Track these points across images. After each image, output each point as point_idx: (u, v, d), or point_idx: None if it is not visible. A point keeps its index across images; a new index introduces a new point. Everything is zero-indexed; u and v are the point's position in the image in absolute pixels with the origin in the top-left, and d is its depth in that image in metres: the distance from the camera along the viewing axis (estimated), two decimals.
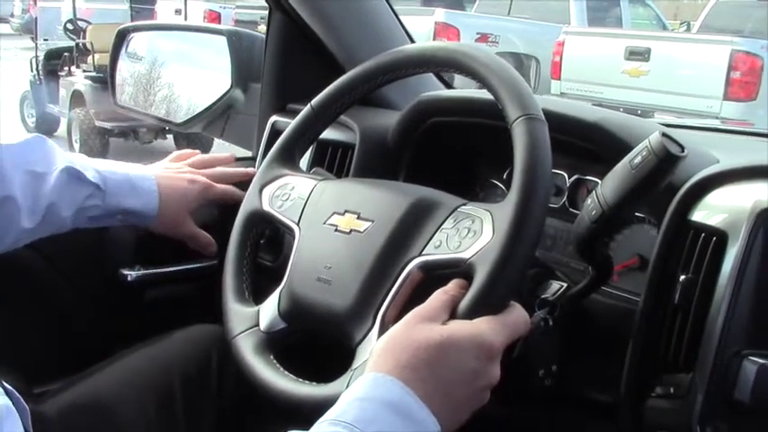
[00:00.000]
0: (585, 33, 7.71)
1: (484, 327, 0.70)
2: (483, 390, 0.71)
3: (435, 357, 0.68)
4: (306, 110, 0.98)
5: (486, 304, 0.72)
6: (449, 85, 1.29)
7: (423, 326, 0.70)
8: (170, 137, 6.95)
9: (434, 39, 7.22)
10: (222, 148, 1.66)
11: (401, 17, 1.29)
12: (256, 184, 0.97)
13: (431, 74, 1.28)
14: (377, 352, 0.70)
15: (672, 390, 0.79)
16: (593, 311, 0.94)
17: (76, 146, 6.68)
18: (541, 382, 0.85)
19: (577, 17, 8.74)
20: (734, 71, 6.09)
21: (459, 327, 0.70)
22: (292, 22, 1.24)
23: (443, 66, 0.87)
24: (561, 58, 7.23)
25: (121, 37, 1.50)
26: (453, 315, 0.72)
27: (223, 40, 1.38)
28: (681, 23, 10.54)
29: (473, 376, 0.69)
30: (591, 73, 6.95)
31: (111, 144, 6.75)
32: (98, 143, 6.62)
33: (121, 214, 1.08)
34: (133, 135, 6.75)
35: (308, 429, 0.64)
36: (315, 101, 0.97)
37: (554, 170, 1.08)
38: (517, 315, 0.74)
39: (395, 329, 0.71)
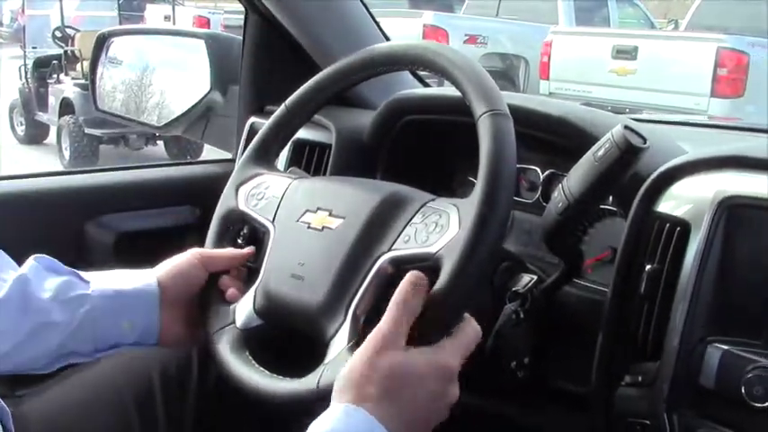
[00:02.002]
0: (573, 33, 7.75)
1: (440, 350, 0.72)
2: (444, 408, 0.73)
3: (398, 386, 0.69)
4: (280, 110, 0.99)
5: (453, 296, 0.73)
6: (426, 84, 1.30)
7: (384, 354, 0.70)
8: (161, 143, 6.95)
9: None
10: (214, 153, 1.67)
11: (389, 20, 1.31)
12: (232, 183, 0.98)
13: (407, 72, 1.30)
14: (342, 382, 0.71)
15: (640, 378, 0.81)
16: (566, 304, 0.96)
17: (66, 153, 6.67)
18: (514, 373, 0.86)
19: (565, 18, 8.78)
20: (720, 68, 6.12)
21: (418, 354, 0.71)
22: (268, 24, 1.25)
23: (412, 63, 0.89)
24: (549, 59, 7.26)
25: (101, 42, 1.51)
26: (414, 328, 0.73)
27: (201, 43, 1.39)
28: (669, 21, 10.58)
29: (434, 398, 0.71)
30: (579, 72, 6.98)
31: (101, 151, 6.74)
32: (88, 150, 6.61)
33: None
34: (123, 142, 6.74)
35: (286, 428, 0.65)
36: (288, 101, 0.98)
37: (528, 166, 1.11)
38: (470, 330, 0.75)
39: (357, 358, 0.72)
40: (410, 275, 0.74)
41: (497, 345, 0.87)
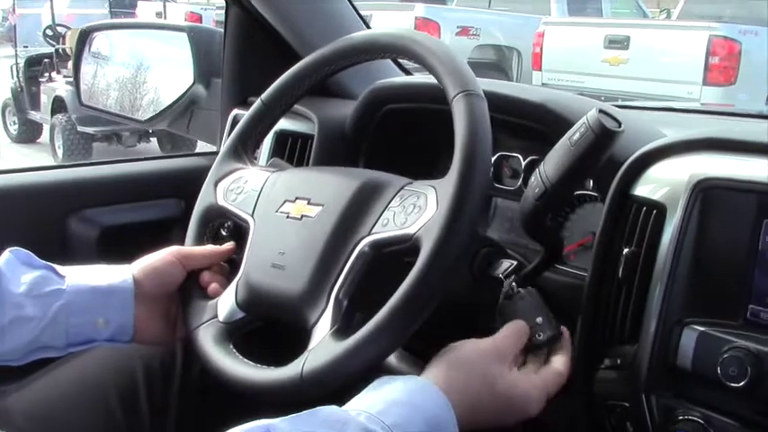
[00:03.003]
0: (565, 23, 7.74)
1: (530, 386, 0.79)
2: (510, 423, 0.79)
3: (491, 402, 0.76)
4: (256, 104, 0.99)
5: (432, 275, 0.74)
6: (408, 72, 1.30)
7: (497, 367, 0.77)
8: (154, 140, 6.93)
9: None
10: (207, 149, 1.66)
11: (381, 12, 1.31)
12: (211, 179, 0.99)
13: (389, 61, 1.30)
14: (441, 363, 0.76)
15: (619, 361, 0.81)
16: (548, 290, 0.96)
17: (59, 152, 6.66)
18: (532, 337, 0.85)
19: (557, 8, 8.77)
20: (712, 56, 6.12)
21: (524, 387, 0.78)
22: (249, 16, 1.25)
23: (387, 51, 0.89)
24: (541, 49, 7.26)
25: (84, 37, 1.51)
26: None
27: (184, 36, 1.38)
28: (661, 11, 10.57)
29: (505, 416, 0.78)
30: (571, 63, 6.98)
31: (94, 149, 6.72)
32: (81, 148, 6.59)
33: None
34: (116, 139, 6.72)
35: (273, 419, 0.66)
36: (265, 94, 0.98)
37: (510, 153, 1.11)
38: (559, 376, 0.82)
39: (468, 353, 0.78)
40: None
41: (504, 321, 0.87)
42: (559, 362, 0.83)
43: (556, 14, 8.51)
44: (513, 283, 0.87)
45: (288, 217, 0.88)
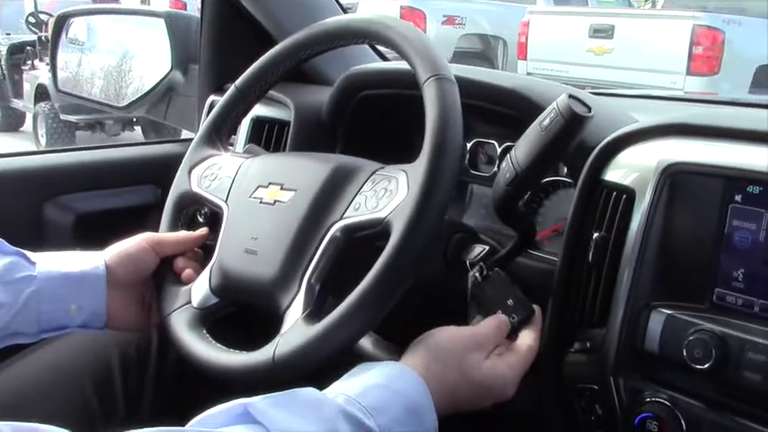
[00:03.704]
0: (550, 13, 7.74)
1: (507, 369, 0.80)
2: (486, 405, 0.80)
3: (468, 389, 0.77)
4: (230, 90, 0.99)
5: (403, 258, 0.74)
6: (385, 58, 1.30)
7: (474, 356, 0.78)
8: (138, 128, 6.89)
9: None
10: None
11: (367, 1, 1.31)
12: (185, 166, 0.99)
13: (367, 47, 1.30)
14: (419, 349, 0.77)
15: (588, 344, 0.82)
16: (521, 275, 0.96)
17: (43, 140, 6.61)
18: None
19: None
20: (696, 46, 6.14)
21: (500, 371, 0.79)
22: (226, 2, 1.24)
23: (359, 37, 0.89)
24: (527, 39, 7.26)
25: (61, 23, 1.50)
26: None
27: (161, 22, 1.38)
28: (646, 0, 10.59)
29: (482, 400, 0.79)
30: (556, 52, 6.98)
31: (78, 137, 6.68)
32: (64, 137, 6.55)
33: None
34: (100, 127, 6.68)
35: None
36: (239, 81, 0.98)
37: (485, 140, 1.11)
38: (528, 354, 0.82)
39: (446, 340, 0.78)
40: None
41: (478, 307, 0.88)
42: (530, 337, 0.83)
43: (541, 4, 8.50)
44: (478, 273, 0.87)
45: (261, 202, 0.88)
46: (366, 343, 1.08)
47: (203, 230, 0.96)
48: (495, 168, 1.08)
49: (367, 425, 0.66)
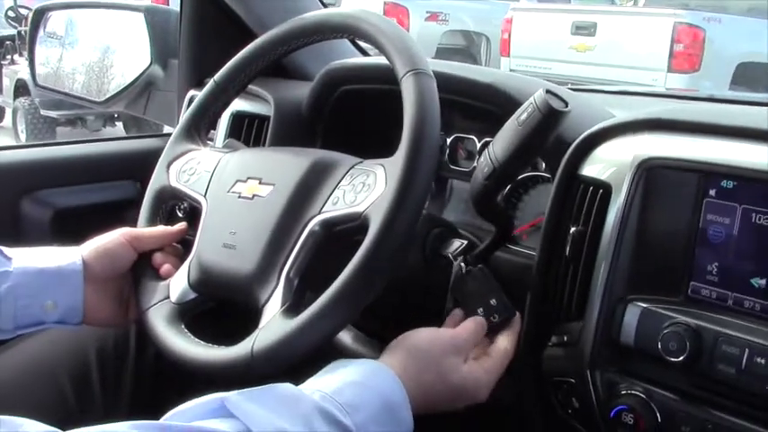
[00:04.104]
0: (532, 10, 7.76)
1: (483, 373, 0.80)
2: (460, 406, 0.80)
3: (443, 390, 0.77)
4: (209, 85, 0.99)
5: (381, 252, 0.74)
6: (365, 53, 1.30)
7: (452, 359, 0.78)
8: (119, 124, 6.83)
9: None
10: None
11: None
12: (164, 160, 0.98)
13: (347, 43, 1.30)
14: (397, 350, 0.77)
15: (566, 338, 0.82)
16: (503, 270, 0.97)
17: (23, 136, 6.54)
18: (486, 320, 0.86)
19: None
20: (677, 43, 6.17)
21: (476, 375, 0.79)
22: None
23: (337, 31, 0.89)
24: (510, 36, 7.27)
25: (38, 17, 1.49)
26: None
27: (140, 16, 1.37)
28: None
29: (456, 400, 0.79)
30: (539, 49, 7.00)
31: (58, 133, 6.62)
32: (44, 132, 6.48)
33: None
34: (81, 123, 6.61)
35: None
36: (217, 75, 0.98)
37: (464, 135, 1.11)
38: (504, 358, 0.83)
39: (424, 342, 0.78)
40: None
41: (457, 301, 0.88)
42: (506, 341, 0.84)
43: (524, 1, 8.52)
44: (463, 263, 0.88)
45: (239, 197, 0.88)
46: (346, 338, 1.08)
47: (182, 225, 0.95)
48: (475, 164, 1.08)
49: (343, 422, 0.66)
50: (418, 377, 0.75)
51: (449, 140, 1.12)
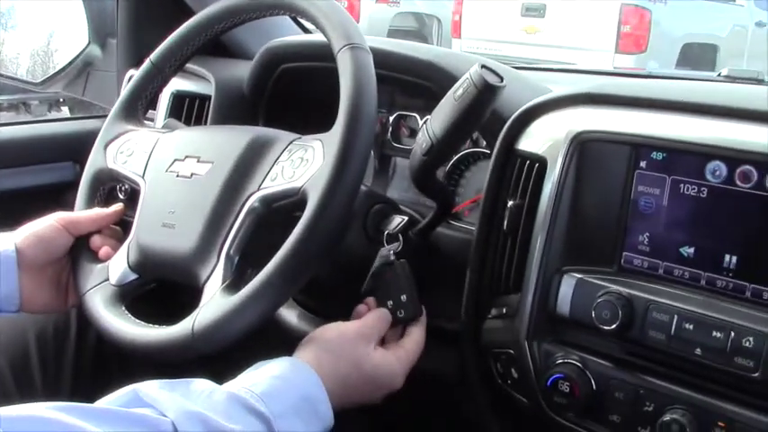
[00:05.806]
0: None
1: (395, 361, 0.81)
2: (380, 398, 0.82)
3: (359, 380, 0.78)
4: (145, 65, 0.97)
5: (319, 226, 0.74)
6: (307, 30, 1.29)
7: (362, 348, 0.79)
8: (65, 109, 6.67)
9: None
10: None
11: None
12: (100, 142, 0.97)
13: (289, 20, 1.28)
14: (310, 346, 0.77)
15: (504, 310, 0.84)
16: (444, 246, 0.98)
17: None
18: (393, 313, 0.87)
19: None
20: (624, 25, 6.26)
21: (389, 361, 0.81)
22: None
23: (274, 8, 0.88)
24: (461, 17, 7.28)
25: None
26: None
27: None
28: None
29: (374, 390, 0.81)
30: (490, 30, 7.02)
31: (2, 117, 6.43)
32: None
33: None
34: (24, 108, 6.42)
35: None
36: (153, 55, 0.97)
37: (407, 113, 1.12)
38: (417, 346, 0.85)
39: (334, 335, 0.79)
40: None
41: (373, 286, 0.88)
42: (417, 333, 0.86)
43: None
44: (393, 252, 0.88)
45: (178, 176, 0.87)
46: (291, 316, 1.08)
47: (118, 207, 0.94)
48: None
49: (259, 410, 0.67)
50: (334, 370, 0.76)
51: (391, 118, 1.12)
